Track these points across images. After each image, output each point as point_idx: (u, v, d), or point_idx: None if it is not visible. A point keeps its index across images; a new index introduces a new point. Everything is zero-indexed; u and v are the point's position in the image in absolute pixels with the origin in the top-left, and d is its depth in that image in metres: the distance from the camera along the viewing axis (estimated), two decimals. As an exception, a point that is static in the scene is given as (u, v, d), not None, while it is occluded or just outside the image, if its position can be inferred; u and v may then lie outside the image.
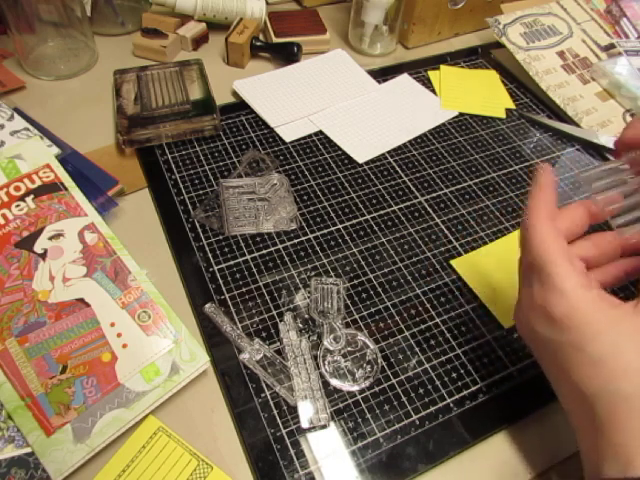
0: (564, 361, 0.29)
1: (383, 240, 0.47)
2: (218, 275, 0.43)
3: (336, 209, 0.49)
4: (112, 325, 0.37)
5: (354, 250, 0.46)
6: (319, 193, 0.50)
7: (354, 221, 0.48)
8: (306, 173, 0.52)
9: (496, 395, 0.38)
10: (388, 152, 0.55)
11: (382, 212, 0.49)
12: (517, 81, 0.66)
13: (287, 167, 0.52)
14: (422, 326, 0.41)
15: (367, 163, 0.54)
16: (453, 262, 0.45)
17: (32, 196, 0.42)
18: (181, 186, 0.49)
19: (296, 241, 0.46)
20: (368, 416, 0.36)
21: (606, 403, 0.27)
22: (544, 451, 0.35)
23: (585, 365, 0.27)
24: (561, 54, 0.66)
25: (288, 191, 0.49)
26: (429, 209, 0.50)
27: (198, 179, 0.50)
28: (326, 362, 0.38)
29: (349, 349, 0.39)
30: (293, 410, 0.36)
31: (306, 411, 0.36)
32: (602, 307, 0.28)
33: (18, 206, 0.41)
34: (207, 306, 0.40)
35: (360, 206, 0.49)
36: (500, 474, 0.35)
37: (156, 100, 0.54)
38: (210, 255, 0.44)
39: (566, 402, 0.30)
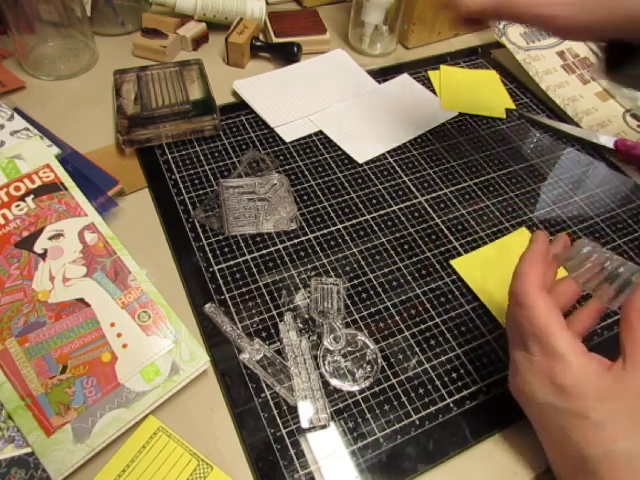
0: (565, 426, 0.30)
1: (383, 240, 0.47)
2: (218, 275, 0.43)
3: (336, 209, 0.49)
4: (112, 325, 0.37)
5: (354, 250, 0.46)
6: (319, 193, 0.50)
7: (354, 221, 0.48)
8: (306, 173, 0.52)
9: (496, 395, 0.38)
10: (388, 152, 0.55)
11: (382, 212, 0.49)
12: (517, 81, 0.66)
13: (287, 167, 0.52)
14: (422, 326, 0.41)
15: (367, 163, 0.54)
16: (453, 262, 0.45)
17: (32, 196, 0.42)
18: (181, 186, 0.49)
19: (296, 241, 0.46)
20: (368, 416, 0.36)
21: (609, 464, 0.28)
22: (544, 451, 0.35)
23: (588, 430, 0.29)
24: (561, 54, 0.66)
25: (288, 191, 0.49)
26: (429, 209, 0.50)
27: (198, 179, 0.50)
28: (326, 362, 0.38)
29: (349, 349, 0.39)
30: (293, 410, 0.36)
31: (306, 411, 0.36)
32: (601, 373, 0.29)
33: (18, 206, 0.41)
34: (207, 306, 0.40)
35: (360, 206, 0.49)
36: (500, 474, 0.35)
37: (156, 100, 0.54)
38: (210, 255, 0.44)
39: (559, 462, 0.31)
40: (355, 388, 0.37)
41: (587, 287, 0.33)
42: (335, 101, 0.60)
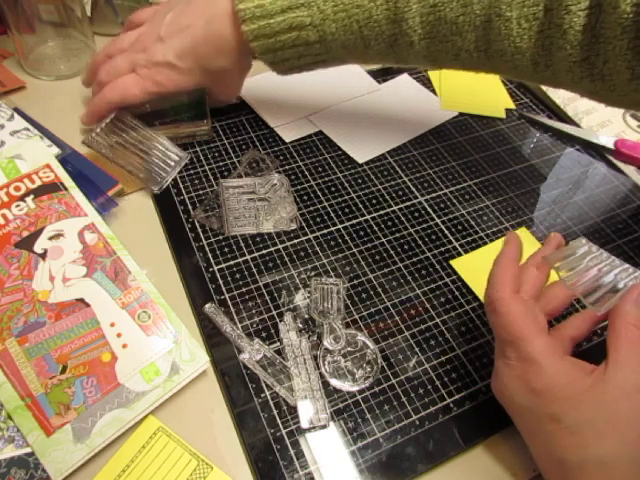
0: (542, 430, 0.30)
1: (383, 240, 0.47)
2: (218, 275, 0.43)
3: (336, 209, 0.49)
4: (112, 325, 0.37)
5: (354, 250, 0.46)
6: (319, 193, 0.50)
7: (354, 221, 0.48)
8: (306, 173, 0.52)
9: (496, 395, 0.38)
10: (388, 152, 0.55)
11: (382, 212, 0.49)
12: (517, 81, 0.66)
13: (287, 167, 0.52)
14: (422, 326, 0.41)
15: (367, 163, 0.54)
16: (453, 262, 0.45)
17: (32, 196, 0.42)
18: (181, 186, 0.49)
19: (296, 241, 0.46)
20: (368, 416, 0.36)
21: (583, 471, 0.28)
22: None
23: (563, 435, 0.29)
24: (561, 54, 0.66)
25: (288, 191, 0.49)
26: (429, 209, 0.50)
27: (198, 179, 0.50)
28: (326, 362, 0.38)
29: (349, 349, 0.39)
30: (293, 410, 0.36)
31: (306, 411, 0.36)
32: (577, 377, 0.29)
33: (18, 206, 0.41)
34: (207, 306, 0.40)
35: (360, 206, 0.49)
36: (500, 474, 0.35)
37: (149, 103, 0.53)
38: (210, 255, 0.44)
39: (543, 466, 0.31)
40: (355, 388, 0.37)
41: (576, 290, 0.32)
42: (335, 101, 0.60)
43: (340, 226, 0.48)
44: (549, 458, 0.30)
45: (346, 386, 0.37)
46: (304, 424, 0.35)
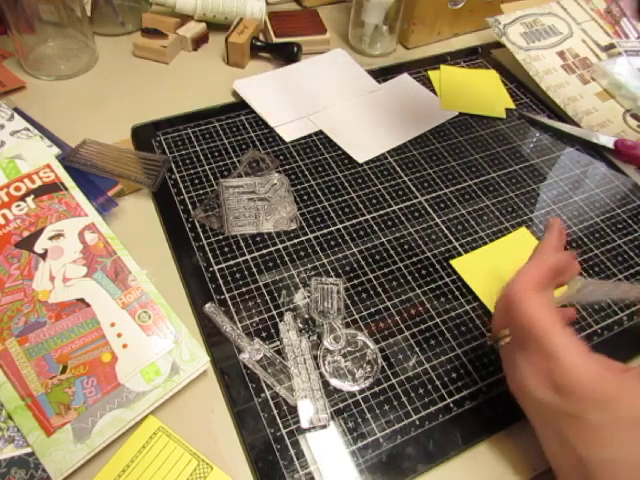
0: (561, 425, 0.29)
1: (383, 240, 0.47)
2: (218, 275, 0.43)
3: (336, 209, 0.49)
4: (112, 325, 0.37)
5: (354, 250, 0.46)
6: (319, 193, 0.50)
7: (354, 221, 0.48)
8: (306, 173, 0.52)
9: (496, 395, 0.38)
10: (388, 152, 0.55)
11: (382, 212, 0.49)
12: (517, 81, 0.66)
13: (287, 167, 0.52)
14: (422, 326, 0.41)
15: (367, 163, 0.54)
16: (453, 262, 0.45)
17: (32, 196, 0.42)
18: (181, 186, 0.49)
19: (296, 241, 0.46)
20: (368, 416, 0.36)
21: (603, 470, 0.27)
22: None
23: (584, 432, 0.28)
24: (561, 54, 0.66)
25: (288, 191, 0.49)
26: (429, 209, 0.50)
27: (198, 179, 0.50)
28: (326, 362, 0.38)
29: (349, 349, 0.39)
30: (293, 410, 0.36)
31: (306, 411, 0.36)
32: (605, 376, 0.28)
33: (18, 206, 0.42)
34: (207, 306, 0.40)
35: (360, 206, 0.49)
36: (500, 474, 0.35)
37: None
38: (210, 255, 0.44)
39: (558, 463, 0.31)
40: (355, 388, 0.37)
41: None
42: (335, 101, 0.60)
43: (340, 226, 0.48)
44: (567, 455, 0.30)
45: (346, 386, 0.37)
46: (304, 424, 0.35)
